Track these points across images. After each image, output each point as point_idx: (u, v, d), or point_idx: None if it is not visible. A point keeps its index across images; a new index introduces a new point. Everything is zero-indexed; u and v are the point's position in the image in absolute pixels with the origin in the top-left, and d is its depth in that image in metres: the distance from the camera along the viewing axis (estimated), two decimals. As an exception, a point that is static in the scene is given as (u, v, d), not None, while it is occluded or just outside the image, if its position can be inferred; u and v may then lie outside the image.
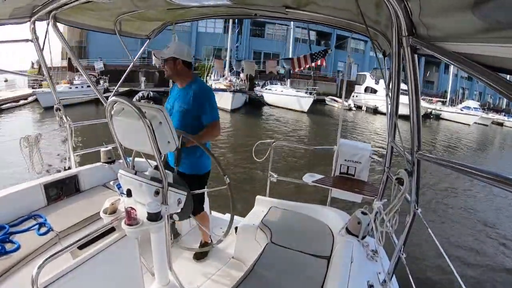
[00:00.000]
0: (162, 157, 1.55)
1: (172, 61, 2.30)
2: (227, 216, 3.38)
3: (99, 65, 20.54)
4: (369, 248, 2.01)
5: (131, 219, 1.50)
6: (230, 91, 17.67)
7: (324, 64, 3.72)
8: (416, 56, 1.36)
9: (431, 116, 25.80)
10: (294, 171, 8.18)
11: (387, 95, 1.97)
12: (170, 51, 2.29)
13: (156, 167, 1.61)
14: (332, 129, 15.34)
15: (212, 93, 2.46)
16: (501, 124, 27.73)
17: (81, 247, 1.95)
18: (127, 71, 3.74)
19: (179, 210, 1.65)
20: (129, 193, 1.51)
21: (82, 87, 18.90)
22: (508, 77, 0.85)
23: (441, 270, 4.61)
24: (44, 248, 2.13)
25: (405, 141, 1.70)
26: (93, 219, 2.50)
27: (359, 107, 23.45)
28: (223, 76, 19.86)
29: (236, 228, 2.59)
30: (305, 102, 19.38)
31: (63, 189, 2.86)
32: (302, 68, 3.72)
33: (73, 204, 2.75)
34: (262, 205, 2.82)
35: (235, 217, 1.94)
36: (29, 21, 2.48)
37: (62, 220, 2.42)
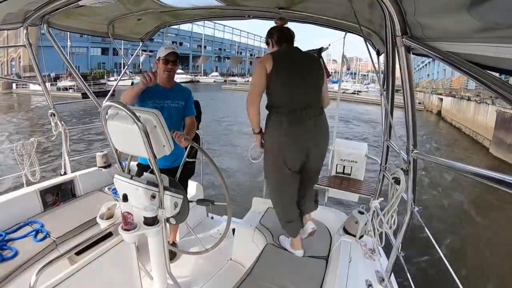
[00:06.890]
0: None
1: (176, 60, 2.18)
2: (224, 218, 3.37)
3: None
4: (367, 247, 2.02)
5: (128, 224, 1.49)
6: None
7: None
8: (410, 55, 1.36)
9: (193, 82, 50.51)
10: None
11: (381, 94, 1.97)
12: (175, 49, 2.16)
13: (151, 171, 1.60)
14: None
15: None
16: (234, 82, 50.89)
17: (78, 253, 1.94)
18: (123, 71, 4.95)
19: (175, 214, 1.64)
20: (125, 198, 1.50)
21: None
22: (503, 76, 0.85)
23: (439, 269, 4.62)
24: (41, 255, 2.12)
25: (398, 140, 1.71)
26: (90, 225, 2.49)
27: (217, 82, 49.69)
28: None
29: (233, 230, 2.58)
30: (185, 78, 42.25)
31: (59, 195, 2.84)
32: None
33: (70, 209, 2.73)
34: (259, 206, 2.81)
35: (233, 218, 1.93)
36: (22, 26, 2.47)
37: (59, 226, 2.41)
